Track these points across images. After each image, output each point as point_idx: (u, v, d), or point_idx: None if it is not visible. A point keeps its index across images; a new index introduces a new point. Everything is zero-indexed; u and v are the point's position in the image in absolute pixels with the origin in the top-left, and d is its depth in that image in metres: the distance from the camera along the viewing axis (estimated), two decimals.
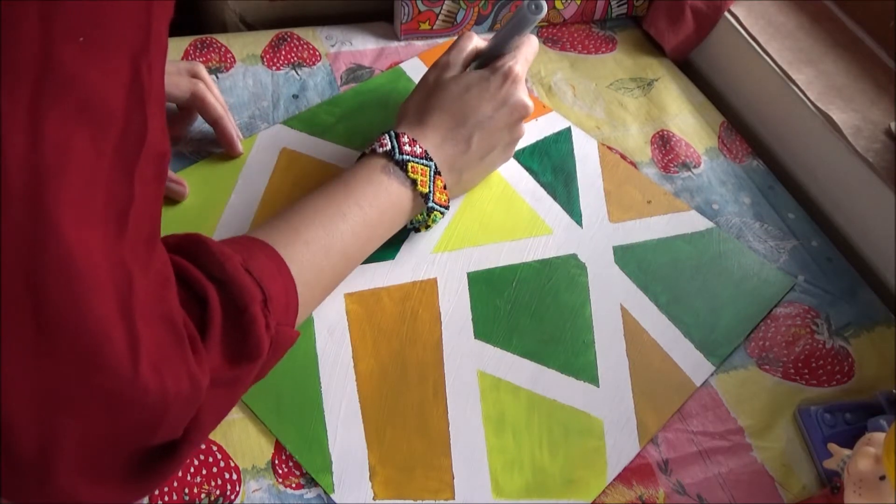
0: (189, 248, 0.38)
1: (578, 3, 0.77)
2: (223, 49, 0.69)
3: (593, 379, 0.52)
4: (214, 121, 0.59)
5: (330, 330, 0.52)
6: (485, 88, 0.54)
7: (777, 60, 0.69)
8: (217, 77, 0.66)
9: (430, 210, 0.53)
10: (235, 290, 0.37)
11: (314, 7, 0.74)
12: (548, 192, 0.62)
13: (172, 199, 0.56)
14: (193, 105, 0.58)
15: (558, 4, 0.76)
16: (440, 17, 0.72)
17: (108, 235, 0.28)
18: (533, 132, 0.66)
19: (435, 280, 0.55)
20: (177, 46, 0.68)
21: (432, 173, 0.52)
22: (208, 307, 0.36)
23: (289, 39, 0.71)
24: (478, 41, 0.58)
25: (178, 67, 0.58)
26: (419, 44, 0.73)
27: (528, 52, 0.57)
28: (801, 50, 0.70)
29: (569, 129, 0.68)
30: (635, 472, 0.48)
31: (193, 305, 0.36)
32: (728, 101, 0.76)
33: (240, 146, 0.60)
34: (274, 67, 0.68)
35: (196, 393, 0.33)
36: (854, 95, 0.66)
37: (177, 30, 0.80)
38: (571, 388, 0.51)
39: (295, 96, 0.66)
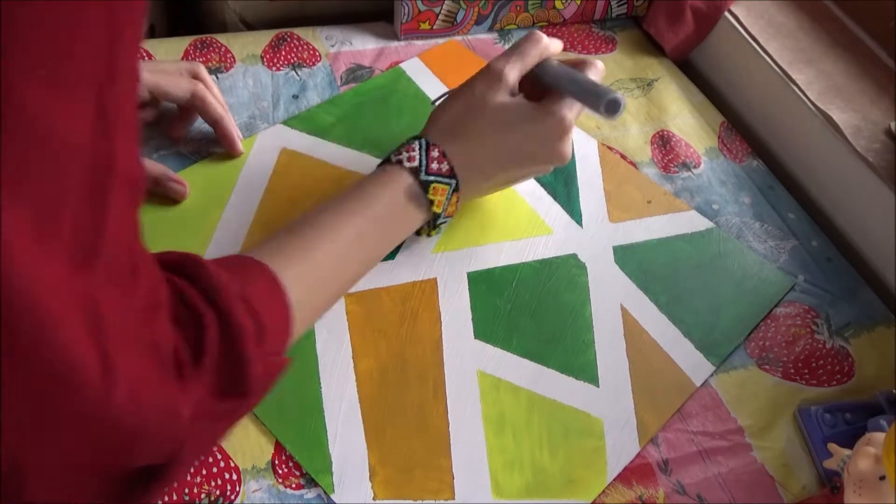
0: (189, 269, 0.38)
1: (578, 3, 0.77)
2: (223, 49, 0.69)
3: (593, 379, 0.52)
4: (215, 121, 0.59)
5: (330, 330, 0.52)
6: (531, 132, 0.51)
7: (777, 60, 0.68)
8: (217, 77, 0.66)
9: (438, 224, 0.52)
10: (230, 321, 0.36)
11: (314, 7, 0.74)
12: (548, 192, 0.62)
13: (174, 199, 0.56)
14: (193, 105, 0.58)
15: (558, 4, 0.76)
16: (440, 16, 0.72)
17: (73, 266, 0.28)
18: None
19: (435, 280, 0.55)
20: (177, 46, 0.68)
21: (451, 191, 0.51)
22: (205, 333, 0.35)
23: (289, 39, 0.71)
24: (547, 46, 0.54)
25: (179, 67, 0.58)
26: (419, 43, 0.73)
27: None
28: (801, 50, 0.70)
29: None
30: (635, 472, 0.48)
31: (190, 326, 0.35)
32: (728, 101, 0.76)
33: (240, 146, 0.60)
34: (274, 67, 0.68)
35: (174, 419, 0.32)
36: (854, 95, 0.66)
37: (177, 30, 0.80)
38: (571, 388, 0.51)
39: (295, 96, 0.66)
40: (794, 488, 0.48)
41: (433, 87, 0.69)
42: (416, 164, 0.49)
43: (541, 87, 0.53)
